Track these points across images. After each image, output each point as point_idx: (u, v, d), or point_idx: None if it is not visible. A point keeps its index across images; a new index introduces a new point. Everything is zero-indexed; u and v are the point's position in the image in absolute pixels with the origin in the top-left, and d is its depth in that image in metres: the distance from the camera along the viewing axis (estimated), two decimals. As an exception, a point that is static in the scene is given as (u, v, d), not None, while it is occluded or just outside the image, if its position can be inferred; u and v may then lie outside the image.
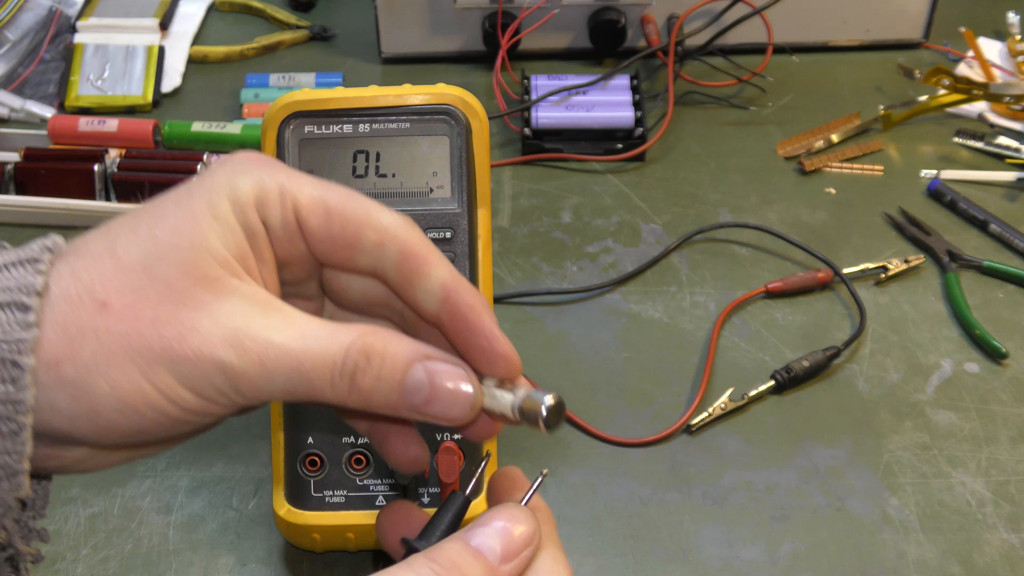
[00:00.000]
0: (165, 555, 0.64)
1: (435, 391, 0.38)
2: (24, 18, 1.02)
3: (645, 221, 0.86)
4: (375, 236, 0.39)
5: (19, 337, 0.35)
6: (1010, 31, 1.02)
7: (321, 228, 0.39)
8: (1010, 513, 0.65)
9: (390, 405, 0.38)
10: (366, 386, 0.37)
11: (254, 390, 0.37)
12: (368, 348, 0.37)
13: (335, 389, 0.37)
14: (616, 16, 0.99)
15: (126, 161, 0.86)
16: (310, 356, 0.37)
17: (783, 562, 0.63)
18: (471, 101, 0.60)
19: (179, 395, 0.36)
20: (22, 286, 0.35)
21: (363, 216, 0.39)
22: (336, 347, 0.37)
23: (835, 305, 0.79)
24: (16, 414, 0.35)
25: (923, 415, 0.71)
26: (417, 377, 0.38)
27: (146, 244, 0.37)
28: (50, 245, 0.37)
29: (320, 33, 1.06)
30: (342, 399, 0.38)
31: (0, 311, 0.35)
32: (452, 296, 0.39)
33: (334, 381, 0.37)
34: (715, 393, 0.72)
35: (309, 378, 0.37)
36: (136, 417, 0.36)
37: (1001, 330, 0.76)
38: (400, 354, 0.38)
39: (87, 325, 0.36)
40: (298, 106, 0.59)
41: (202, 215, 0.37)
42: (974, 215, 0.85)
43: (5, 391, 0.35)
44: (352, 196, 0.40)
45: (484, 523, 0.38)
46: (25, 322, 0.35)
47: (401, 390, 0.38)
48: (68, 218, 0.85)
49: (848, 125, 0.94)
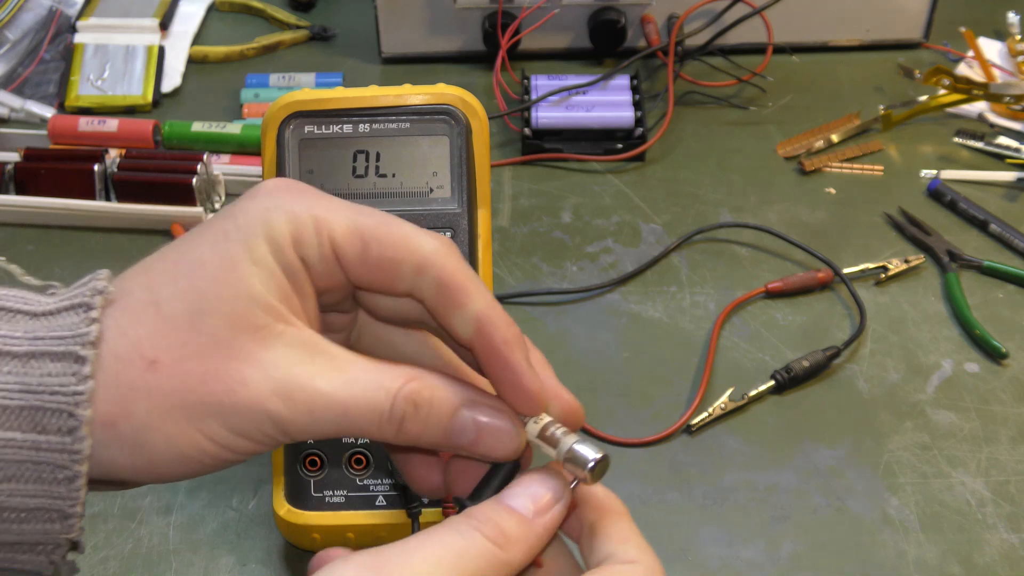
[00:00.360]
0: (165, 555, 0.64)
1: (480, 436, 0.39)
2: (24, 18, 1.02)
3: (645, 221, 0.86)
4: (413, 263, 0.39)
5: (75, 390, 0.35)
6: (1010, 31, 1.02)
7: (358, 257, 0.39)
8: (1010, 513, 0.65)
9: (434, 445, 0.39)
10: (413, 431, 0.38)
11: (302, 433, 0.38)
12: (415, 396, 0.38)
13: (382, 432, 0.38)
14: (616, 16, 0.99)
15: (126, 161, 0.86)
16: (356, 404, 0.38)
17: (783, 562, 0.63)
18: (471, 101, 0.60)
19: (231, 443, 0.37)
20: (76, 336, 0.36)
21: (401, 242, 0.39)
22: (382, 395, 0.38)
23: (835, 305, 0.79)
24: (72, 463, 0.36)
25: (923, 415, 0.71)
26: (463, 423, 0.39)
27: (189, 297, 0.37)
28: (100, 288, 0.37)
29: (320, 33, 1.06)
30: (388, 440, 0.39)
31: (55, 361, 0.36)
32: (487, 328, 0.39)
33: (381, 427, 0.38)
34: (715, 393, 0.72)
35: (357, 423, 0.38)
36: (193, 464, 0.37)
37: (1001, 330, 0.76)
38: (446, 401, 0.39)
39: (139, 383, 0.36)
40: (298, 106, 0.59)
41: (241, 260, 0.37)
42: (974, 215, 0.85)
43: (62, 442, 0.35)
44: (389, 221, 0.39)
45: (515, 485, 0.39)
46: (81, 374, 0.35)
47: (447, 434, 0.39)
48: (68, 218, 0.85)
49: (848, 125, 0.94)
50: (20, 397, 0.35)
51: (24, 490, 0.36)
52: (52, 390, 0.35)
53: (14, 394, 0.35)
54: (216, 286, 0.37)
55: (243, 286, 0.37)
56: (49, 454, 0.36)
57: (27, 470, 0.36)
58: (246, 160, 0.89)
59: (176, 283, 0.37)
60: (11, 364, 0.36)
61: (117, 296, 0.37)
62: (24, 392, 0.35)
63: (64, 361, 0.36)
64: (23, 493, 0.36)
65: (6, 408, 0.35)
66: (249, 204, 0.39)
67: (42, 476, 0.36)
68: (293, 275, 0.38)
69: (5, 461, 0.35)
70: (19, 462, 0.36)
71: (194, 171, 0.84)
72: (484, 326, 0.39)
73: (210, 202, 0.86)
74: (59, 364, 0.36)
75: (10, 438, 0.35)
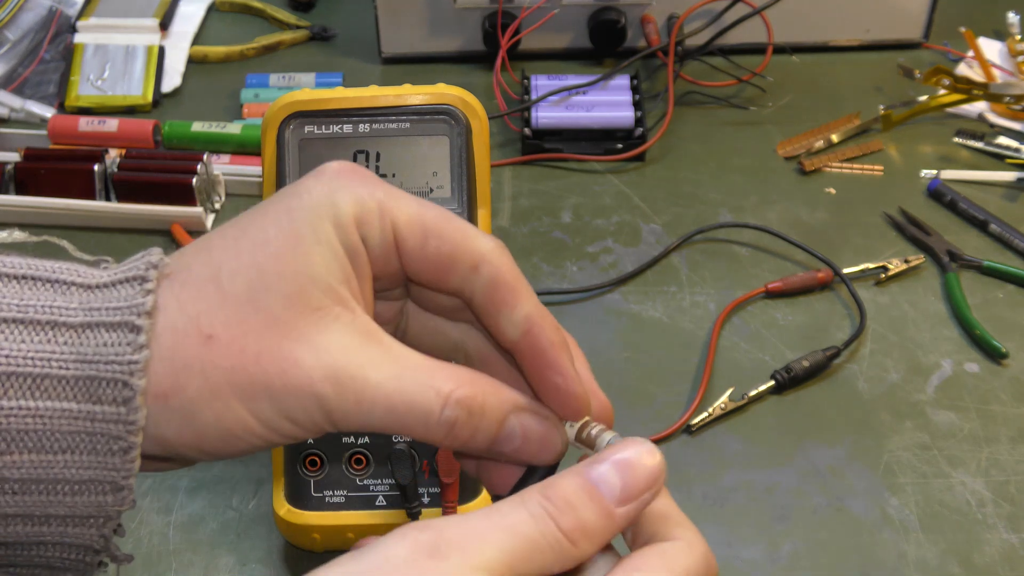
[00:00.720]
0: (165, 555, 0.64)
1: (524, 443, 0.39)
2: (24, 18, 1.02)
3: (645, 221, 0.86)
4: (470, 260, 0.39)
5: (130, 359, 0.35)
6: (1010, 31, 1.02)
7: (417, 248, 0.39)
8: (1010, 513, 0.66)
9: (477, 451, 0.39)
10: (462, 436, 0.38)
11: (348, 423, 0.37)
12: (469, 402, 0.37)
13: (429, 433, 0.37)
14: (616, 16, 0.99)
15: (126, 161, 0.86)
16: (405, 401, 0.37)
17: (783, 562, 0.63)
18: (471, 101, 0.60)
19: (278, 424, 0.37)
20: (131, 306, 0.36)
21: (460, 238, 0.39)
22: (432, 396, 0.37)
23: (835, 305, 0.79)
24: (127, 434, 0.36)
25: (923, 415, 0.71)
26: (510, 430, 0.38)
27: (250, 273, 0.37)
28: (155, 262, 0.37)
29: (320, 33, 1.06)
30: (434, 441, 0.38)
31: (110, 331, 0.36)
32: (535, 330, 0.39)
33: (429, 428, 0.37)
34: (715, 393, 0.72)
35: (403, 421, 0.37)
36: (238, 443, 0.37)
37: (1001, 330, 0.76)
38: (498, 408, 0.38)
39: (193, 358, 0.36)
40: (298, 106, 0.59)
41: (306, 239, 0.37)
42: (974, 215, 0.85)
43: (117, 412, 0.35)
44: (449, 217, 0.39)
45: (607, 456, 0.36)
46: (136, 344, 0.35)
47: (494, 441, 0.38)
48: (68, 218, 0.85)
49: (848, 125, 0.94)
50: (76, 367, 0.35)
51: (79, 461, 0.36)
52: (108, 359, 0.35)
53: (70, 363, 0.35)
54: (278, 263, 0.37)
55: (305, 264, 0.37)
56: (104, 424, 0.36)
57: (82, 441, 0.36)
58: (246, 160, 0.89)
59: (238, 259, 0.37)
60: (67, 334, 0.36)
61: (176, 270, 0.37)
62: (80, 362, 0.35)
63: (120, 331, 0.35)
64: (78, 465, 0.36)
65: (62, 379, 0.35)
66: (314, 184, 0.39)
67: (96, 447, 0.36)
68: (355, 257, 0.38)
69: (61, 432, 0.35)
70: (74, 433, 0.36)
71: (194, 171, 0.84)
72: (532, 327, 0.39)
73: (210, 202, 0.86)
74: (115, 334, 0.36)
75: (66, 408, 0.35)
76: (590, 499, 0.35)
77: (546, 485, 0.35)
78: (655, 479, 0.36)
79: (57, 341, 0.35)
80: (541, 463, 0.39)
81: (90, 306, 0.36)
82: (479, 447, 0.38)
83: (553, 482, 0.35)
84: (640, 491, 0.36)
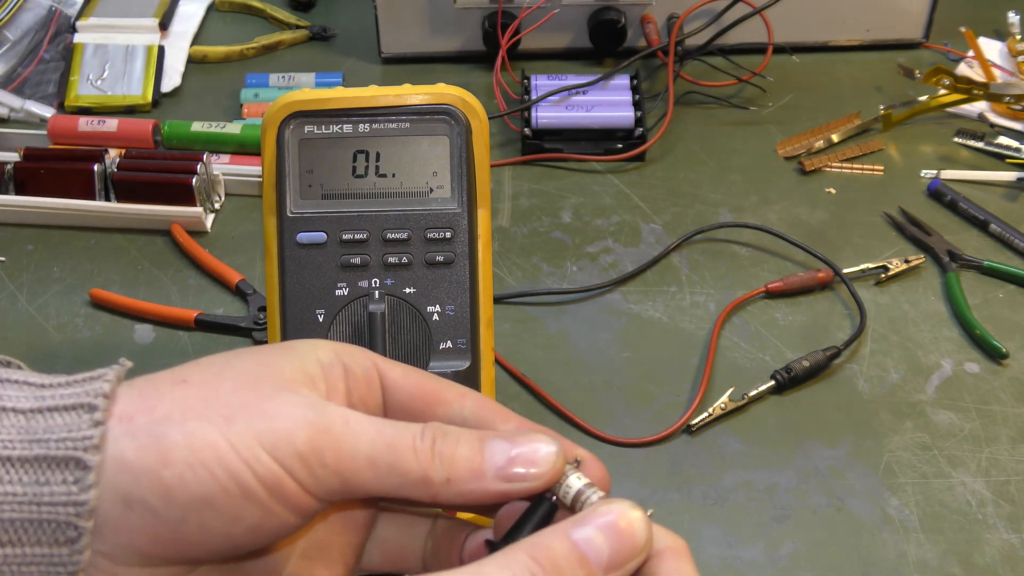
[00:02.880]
0: (165, 555, 0.63)
1: (513, 459, 0.36)
2: (24, 18, 1.02)
3: (645, 221, 0.86)
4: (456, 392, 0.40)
5: (86, 434, 0.33)
6: (1010, 31, 1.02)
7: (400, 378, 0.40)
8: (1010, 513, 0.65)
9: (474, 471, 0.36)
10: (447, 451, 0.36)
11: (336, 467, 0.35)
12: (439, 428, 0.37)
13: (419, 458, 0.35)
14: (616, 16, 0.99)
15: (126, 161, 0.86)
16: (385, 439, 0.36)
17: (783, 562, 0.63)
18: (471, 101, 0.60)
19: (255, 455, 0.34)
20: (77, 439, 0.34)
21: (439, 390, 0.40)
22: (411, 428, 0.37)
23: (835, 305, 0.79)
24: (76, 518, 0.33)
25: (923, 415, 0.71)
26: (495, 442, 0.37)
27: (213, 369, 0.36)
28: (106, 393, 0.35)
29: (320, 33, 1.06)
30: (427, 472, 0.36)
31: (63, 414, 0.34)
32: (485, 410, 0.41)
33: (417, 449, 0.36)
34: (715, 393, 0.72)
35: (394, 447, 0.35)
36: (207, 479, 0.34)
37: (1001, 330, 0.76)
38: (472, 433, 0.38)
39: (166, 393, 0.35)
40: (298, 106, 0.59)
41: (280, 367, 0.37)
42: (974, 215, 0.85)
43: (67, 492, 0.33)
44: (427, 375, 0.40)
45: (595, 516, 0.34)
46: (92, 420, 0.33)
47: (483, 452, 0.36)
48: (68, 218, 0.85)
49: (848, 125, 0.94)
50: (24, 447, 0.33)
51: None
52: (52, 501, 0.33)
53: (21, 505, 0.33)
54: (247, 365, 0.37)
55: (277, 367, 0.37)
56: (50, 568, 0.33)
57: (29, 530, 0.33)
58: (246, 160, 0.89)
59: (206, 367, 0.37)
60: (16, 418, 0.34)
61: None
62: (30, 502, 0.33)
63: (75, 413, 0.34)
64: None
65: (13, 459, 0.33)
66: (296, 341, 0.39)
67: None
68: (333, 391, 0.38)
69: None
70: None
71: (194, 171, 0.84)
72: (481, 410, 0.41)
73: (210, 202, 0.86)
74: (69, 416, 0.34)
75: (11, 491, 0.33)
76: (579, 565, 0.33)
77: (533, 544, 0.33)
78: (643, 547, 0.35)
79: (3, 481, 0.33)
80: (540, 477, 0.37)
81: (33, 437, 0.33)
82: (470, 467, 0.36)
83: (539, 542, 0.34)
84: (627, 559, 0.35)
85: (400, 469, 0.35)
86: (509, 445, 0.37)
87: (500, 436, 0.37)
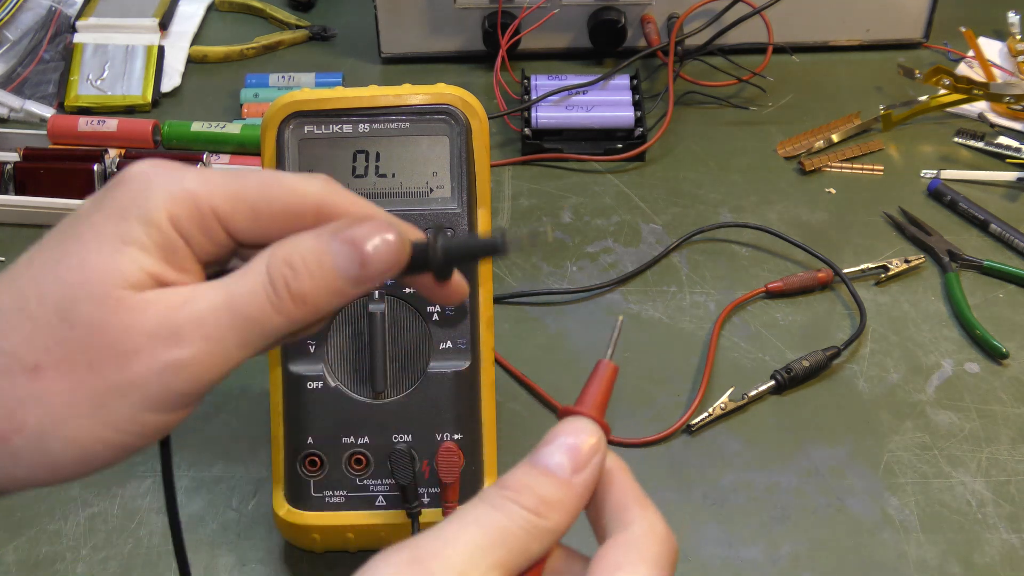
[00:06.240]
0: (165, 555, 0.64)
1: (363, 254, 0.37)
2: (24, 18, 1.02)
3: (645, 221, 0.86)
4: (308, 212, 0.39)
5: None
6: (1010, 31, 1.02)
7: (248, 223, 0.38)
8: (1010, 513, 0.65)
9: (338, 292, 0.37)
10: (305, 288, 0.37)
11: (213, 367, 0.36)
12: (284, 255, 0.37)
13: (281, 311, 0.36)
14: (616, 16, 0.99)
15: (126, 161, 0.86)
16: (241, 297, 0.36)
17: (783, 562, 0.63)
18: (471, 101, 0.60)
19: (142, 421, 0.36)
20: None
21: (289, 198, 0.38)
22: (257, 275, 0.37)
23: (835, 305, 0.79)
24: None
25: (923, 415, 0.71)
26: (341, 251, 0.37)
27: (55, 290, 0.36)
28: None
29: (320, 33, 1.06)
30: (293, 316, 0.37)
31: None
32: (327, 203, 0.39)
33: (274, 304, 0.36)
34: (715, 393, 0.72)
35: (253, 317, 0.36)
36: (98, 459, 0.36)
37: (1001, 330, 0.76)
38: (314, 242, 0.37)
39: (25, 393, 0.35)
40: (298, 106, 0.59)
41: (108, 243, 0.36)
42: (974, 215, 0.85)
43: None
44: (266, 181, 0.39)
45: (547, 442, 0.37)
46: None
47: (335, 272, 0.37)
48: (68, 218, 0.85)
49: (848, 125, 0.94)
50: None
51: None
52: None
53: None
54: (82, 272, 0.36)
55: (110, 266, 0.36)
56: None
57: None
58: (246, 160, 0.89)
59: (42, 280, 0.36)
60: None
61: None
62: None
63: None
64: None
65: None
66: (118, 190, 0.37)
67: None
68: (172, 252, 0.37)
69: None
70: None
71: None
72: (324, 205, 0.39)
73: (210, 202, 0.86)
74: None
75: None
76: (544, 476, 0.36)
77: (499, 480, 0.36)
78: (597, 444, 0.37)
79: None
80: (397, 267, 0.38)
81: None
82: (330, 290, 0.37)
83: (504, 476, 0.36)
84: (588, 457, 0.37)
85: (268, 329, 0.37)
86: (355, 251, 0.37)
87: (344, 240, 0.37)
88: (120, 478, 0.67)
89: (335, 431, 0.59)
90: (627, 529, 0.36)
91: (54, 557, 0.63)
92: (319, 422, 0.59)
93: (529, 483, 0.35)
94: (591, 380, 0.41)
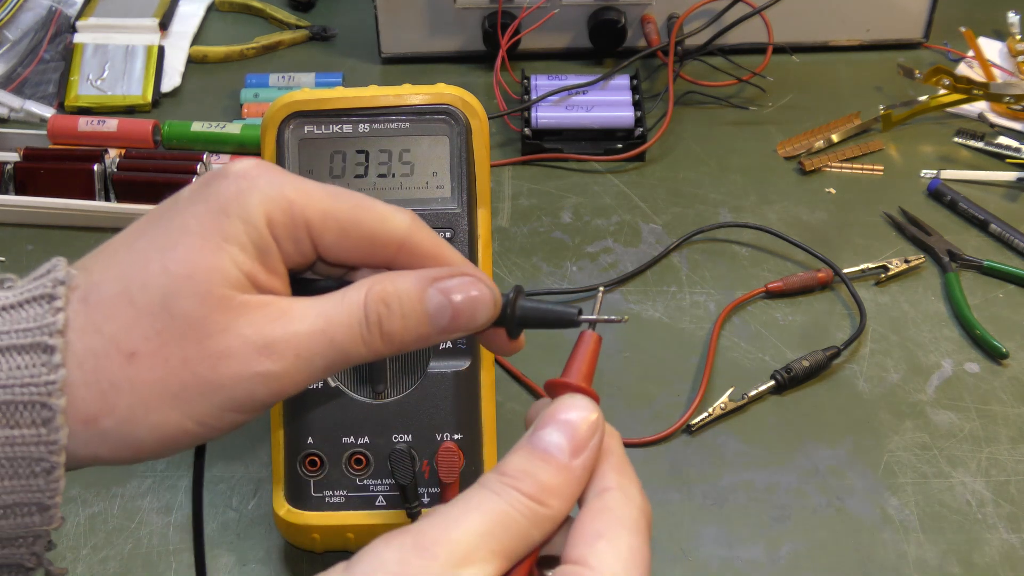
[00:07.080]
0: (165, 555, 0.64)
1: (456, 307, 0.39)
2: (24, 18, 1.02)
3: (645, 221, 0.86)
4: (392, 244, 0.40)
5: (47, 380, 0.35)
6: (1010, 31, 1.02)
7: (335, 243, 0.40)
8: (1010, 513, 0.65)
9: (423, 337, 0.39)
10: (395, 329, 0.38)
11: (294, 381, 0.38)
12: (382, 293, 0.38)
13: (369, 343, 0.38)
14: (616, 16, 0.99)
15: (126, 161, 0.86)
16: (339, 327, 0.38)
17: (783, 562, 0.63)
18: (471, 101, 0.60)
19: (222, 418, 0.37)
20: (42, 327, 0.35)
21: (377, 226, 0.40)
22: (354, 308, 0.38)
23: (835, 305, 0.79)
24: (49, 455, 0.35)
25: (923, 415, 0.71)
26: (436, 301, 0.39)
27: (160, 281, 0.37)
28: (61, 277, 0.37)
29: (320, 33, 1.06)
30: (379, 352, 0.38)
31: (22, 354, 0.35)
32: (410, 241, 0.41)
33: (365, 339, 0.38)
34: (715, 393, 0.72)
35: (343, 346, 0.38)
36: (177, 445, 0.37)
37: (1001, 330, 0.76)
38: (412, 286, 0.39)
39: (120, 378, 0.36)
40: (298, 106, 0.59)
41: (214, 239, 0.37)
42: (974, 215, 0.85)
43: (37, 434, 0.35)
44: (361, 205, 0.40)
45: (544, 423, 0.37)
46: (51, 364, 0.35)
47: (427, 319, 0.39)
48: (68, 218, 0.85)
49: (848, 125, 0.94)
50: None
51: (1, 487, 0.36)
52: (23, 382, 0.35)
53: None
54: (187, 266, 0.37)
55: (215, 261, 0.37)
56: (24, 448, 0.35)
57: (2, 467, 0.35)
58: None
59: (146, 268, 0.37)
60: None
61: (85, 286, 0.37)
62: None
63: (32, 352, 0.35)
64: (1, 490, 0.36)
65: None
66: (222, 184, 0.39)
67: (18, 471, 0.36)
68: (265, 253, 0.38)
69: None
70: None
71: (194, 171, 0.84)
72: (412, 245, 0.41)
73: (210, 202, 0.86)
74: (27, 356, 0.35)
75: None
76: (543, 461, 0.36)
77: (498, 465, 0.36)
78: (596, 425, 0.38)
79: None
80: (483, 324, 0.40)
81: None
82: (417, 334, 0.39)
83: (503, 460, 0.36)
84: (587, 439, 0.37)
85: (354, 358, 0.38)
86: (447, 298, 0.39)
87: (436, 288, 0.39)
88: (120, 478, 0.67)
89: (335, 431, 0.59)
90: (603, 496, 0.37)
91: (53, 557, 0.63)
92: (319, 422, 0.59)
93: (529, 468, 0.36)
94: (576, 351, 0.42)
